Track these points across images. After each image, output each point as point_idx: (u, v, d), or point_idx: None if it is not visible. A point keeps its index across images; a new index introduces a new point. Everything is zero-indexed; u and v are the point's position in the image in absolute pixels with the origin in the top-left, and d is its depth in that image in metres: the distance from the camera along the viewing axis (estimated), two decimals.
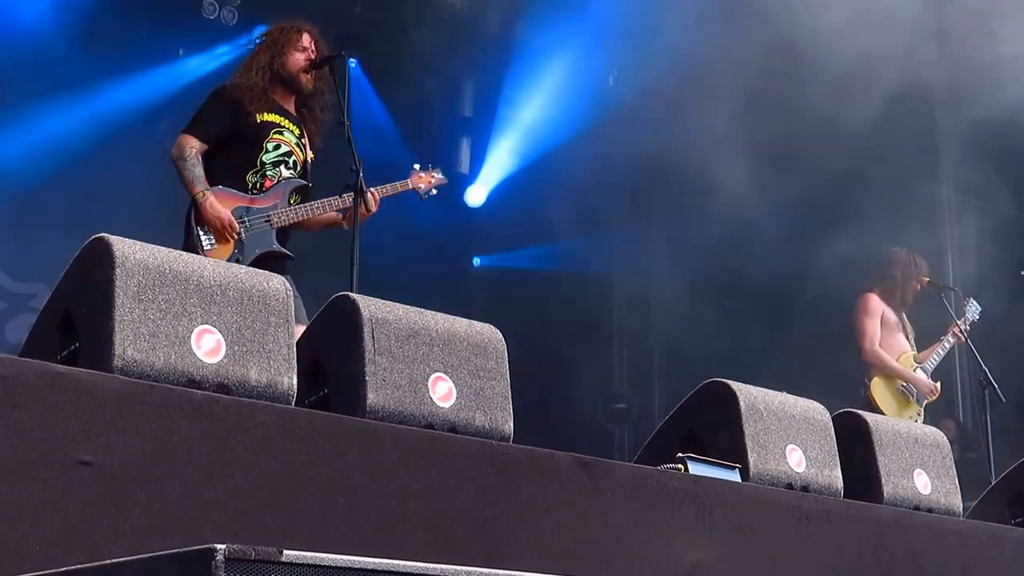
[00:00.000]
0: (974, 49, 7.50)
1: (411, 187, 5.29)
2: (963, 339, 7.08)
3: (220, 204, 4.81)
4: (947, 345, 7.16)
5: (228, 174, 4.91)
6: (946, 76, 8.27)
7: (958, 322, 7.14)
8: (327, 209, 4.96)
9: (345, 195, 4.87)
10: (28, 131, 7.42)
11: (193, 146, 4.86)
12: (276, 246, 4.87)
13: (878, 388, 6.92)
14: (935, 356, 7.10)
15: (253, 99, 4.95)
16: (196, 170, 4.83)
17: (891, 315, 7.04)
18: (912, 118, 8.98)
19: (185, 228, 4.83)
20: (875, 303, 7.03)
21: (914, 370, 6.98)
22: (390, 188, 5.15)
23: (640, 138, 9.23)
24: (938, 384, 7.08)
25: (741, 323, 9.43)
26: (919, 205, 9.49)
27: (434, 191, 5.40)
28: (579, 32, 8.91)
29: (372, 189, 4.94)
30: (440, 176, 5.42)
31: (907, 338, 7.10)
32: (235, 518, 2.33)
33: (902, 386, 6.94)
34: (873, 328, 6.98)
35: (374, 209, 4.93)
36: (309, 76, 5.04)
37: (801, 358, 8.62)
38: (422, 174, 5.34)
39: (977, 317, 7.30)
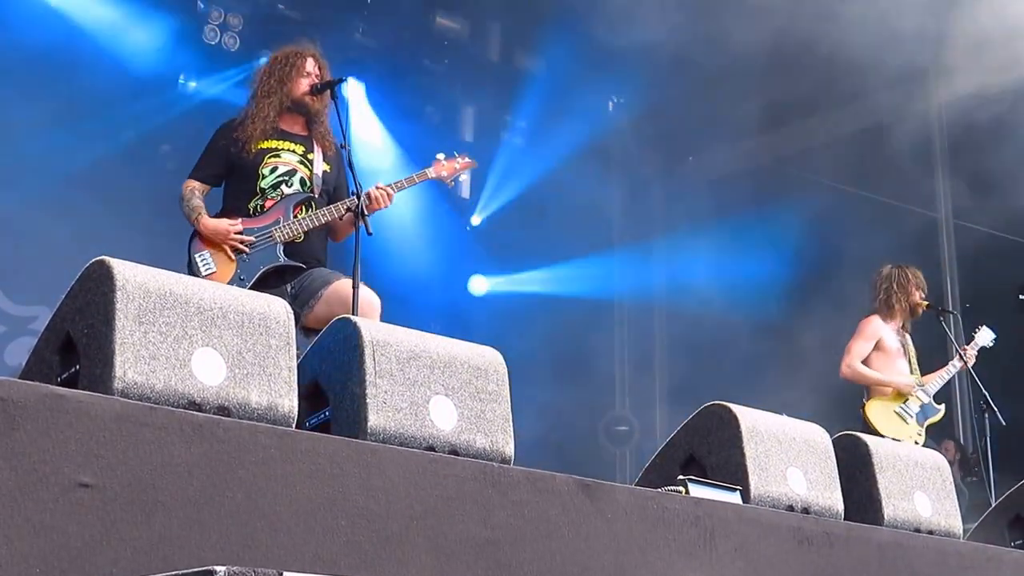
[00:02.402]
0: (972, 69, 7.54)
1: (433, 176, 5.20)
2: (966, 364, 6.97)
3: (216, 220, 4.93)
4: (952, 370, 7.02)
5: (232, 206, 5.02)
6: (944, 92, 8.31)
7: (966, 347, 7.05)
8: (331, 216, 4.94)
9: (348, 199, 4.90)
10: (29, 154, 7.45)
11: (193, 187, 5.03)
12: (283, 259, 4.89)
13: (874, 409, 6.82)
14: (938, 379, 6.96)
15: (252, 131, 4.98)
16: (193, 202, 4.98)
17: (892, 340, 6.91)
18: (909, 137, 9.02)
19: (187, 260, 4.88)
20: (873, 327, 6.92)
21: (915, 393, 6.89)
22: (406, 181, 5.06)
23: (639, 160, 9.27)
24: (942, 406, 6.99)
25: (743, 347, 9.43)
26: (915, 227, 9.50)
27: (463, 176, 5.29)
28: (579, 57, 8.96)
29: (385, 185, 4.92)
30: (467, 160, 5.30)
31: (909, 363, 6.99)
32: (236, 540, 2.33)
33: (899, 408, 6.85)
34: (859, 349, 6.88)
35: (385, 205, 4.90)
36: (313, 99, 5.07)
37: (802, 383, 8.63)
38: (445, 162, 5.24)
39: (990, 344, 7.13)
